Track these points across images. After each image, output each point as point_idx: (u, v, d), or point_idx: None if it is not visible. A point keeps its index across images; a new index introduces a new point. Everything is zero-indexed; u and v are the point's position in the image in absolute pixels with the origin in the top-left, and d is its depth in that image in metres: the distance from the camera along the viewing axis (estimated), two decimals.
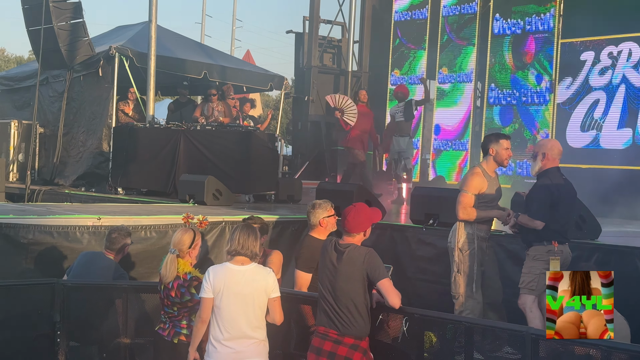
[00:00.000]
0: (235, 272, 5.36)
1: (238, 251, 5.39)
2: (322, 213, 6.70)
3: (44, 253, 7.94)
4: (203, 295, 5.37)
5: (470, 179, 7.26)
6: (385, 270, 5.44)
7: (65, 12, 14.84)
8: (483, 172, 7.23)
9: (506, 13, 15.28)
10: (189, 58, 16.29)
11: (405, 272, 8.92)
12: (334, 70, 18.66)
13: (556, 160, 6.89)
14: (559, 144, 7.10)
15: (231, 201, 11.65)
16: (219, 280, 5.35)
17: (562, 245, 6.78)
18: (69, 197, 13.32)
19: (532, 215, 6.77)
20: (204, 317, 5.39)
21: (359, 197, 9.27)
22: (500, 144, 7.19)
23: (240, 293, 5.32)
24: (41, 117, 15.92)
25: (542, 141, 7.16)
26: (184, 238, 5.99)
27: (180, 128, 13.14)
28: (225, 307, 5.32)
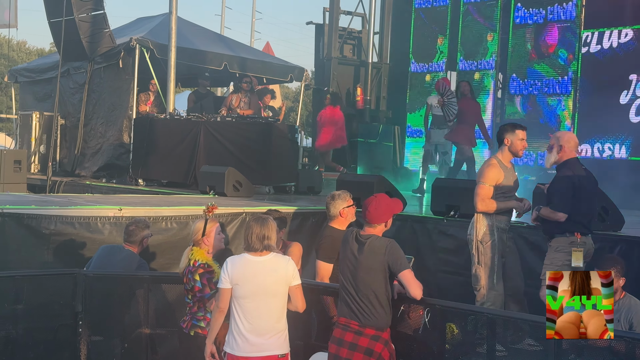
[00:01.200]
0: (254, 263, 5.33)
1: (256, 247, 5.34)
2: (341, 204, 6.71)
3: (66, 243, 7.99)
4: (221, 286, 5.35)
5: (486, 170, 7.20)
6: (406, 261, 5.43)
7: (86, 3, 14.91)
8: (499, 162, 7.18)
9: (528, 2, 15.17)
10: (209, 50, 16.31)
11: (426, 263, 8.89)
12: (354, 62, 18.61)
13: (573, 152, 6.82)
14: (575, 136, 7.06)
15: (251, 192, 11.66)
16: (238, 271, 5.31)
17: (585, 237, 6.73)
18: (90, 189, 13.40)
19: (554, 207, 6.71)
20: (222, 307, 5.35)
21: (379, 188, 9.25)
22: (516, 134, 7.13)
23: (262, 284, 5.29)
24: (62, 109, 16.01)
25: (559, 133, 7.06)
26: (197, 226, 6.03)
27: (200, 119, 13.16)
28: (247, 299, 5.29)
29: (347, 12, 18.81)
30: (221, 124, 12.94)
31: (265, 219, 5.50)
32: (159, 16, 16.98)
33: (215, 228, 6.08)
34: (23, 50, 50.01)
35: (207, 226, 5.99)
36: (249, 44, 36.03)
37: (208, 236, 6.01)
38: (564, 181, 6.71)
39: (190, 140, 13.09)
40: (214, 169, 11.72)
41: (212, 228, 6.04)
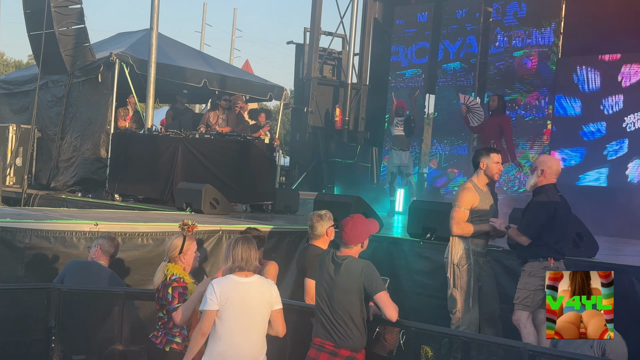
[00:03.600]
0: (241, 284, 5.28)
1: (242, 267, 5.31)
2: (327, 223, 6.78)
3: (40, 258, 7.92)
4: (207, 308, 5.23)
5: (461, 194, 7.25)
6: (382, 283, 5.44)
7: (67, 17, 14.85)
8: (474, 186, 7.22)
9: (506, 28, 15.35)
10: (189, 66, 16.30)
11: (402, 285, 8.91)
12: (333, 82, 18.69)
13: (553, 178, 6.88)
14: (558, 162, 7.08)
15: (228, 210, 11.64)
16: (226, 292, 5.24)
17: (558, 262, 6.78)
18: (65, 202, 13.30)
19: (521, 229, 6.78)
20: (204, 330, 5.26)
21: (356, 208, 9.27)
22: (491, 158, 7.20)
23: (248, 305, 5.26)
24: (39, 122, 15.91)
25: (542, 157, 7.11)
26: (174, 243, 5.99)
27: (178, 136, 13.14)
28: (231, 320, 5.23)
29: (328, 32, 18.93)
30: (199, 141, 12.92)
31: (251, 239, 5.49)
32: (140, 32, 16.96)
33: (193, 246, 6.07)
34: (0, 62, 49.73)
35: (185, 244, 5.97)
36: (228, 61, 36.05)
37: (185, 254, 5.98)
38: (536, 207, 6.78)
39: (168, 157, 13.05)
40: (191, 186, 11.70)
41: (190, 246, 6.02)
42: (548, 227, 6.72)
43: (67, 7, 14.83)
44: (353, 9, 17.94)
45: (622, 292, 6.97)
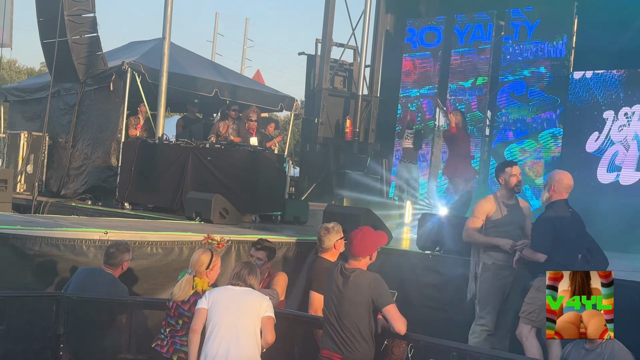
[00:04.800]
0: (232, 289, 5.58)
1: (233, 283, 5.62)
2: (335, 236, 6.78)
3: (50, 265, 7.94)
4: (198, 306, 5.56)
5: (478, 204, 7.47)
6: (391, 296, 5.44)
7: (80, 26, 14.95)
8: (495, 197, 7.38)
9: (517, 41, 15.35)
10: (201, 76, 16.36)
11: (410, 298, 8.88)
12: (344, 94, 18.70)
13: (563, 193, 6.88)
14: (568, 177, 7.04)
15: (237, 220, 11.65)
16: (216, 293, 5.56)
17: None
18: (75, 210, 13.35)
19: (534, 247, 6.79)
20: (194, 328, 5.52)
21: (365, 221, 9.26)
22: (506, 172, 7.32)
23: (235, 307, 5.45)
24: (50, 129, 15.98)
25: (553, 173, 7.14)
26: (202, 259, 6.03)
27: (189, 145, 13.17)
28: (219, 319, 5.44)
29: (340, 44, 18.94)
30: (210, 151, 12.96)
31: (254, 267, 5.75)
32: (152, 41, 17.03)
33: (219, 262, 6.14)
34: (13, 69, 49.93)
35: (212, 260, 6.05)
36: (239, 71, 36.15)
37: (212, 270, 6.06)
38: (544, 222, 6.80)
39: (178, 166, 13.09)
40: (201, 196, 11.72)
41: (216, 262, 6.11)
42: (556, 242, 6.71)
43: (80, 16, 14.93)
44: (365, 21, 17.96)
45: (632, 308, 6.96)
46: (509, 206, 7.33)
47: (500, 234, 7.24)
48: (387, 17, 19.04)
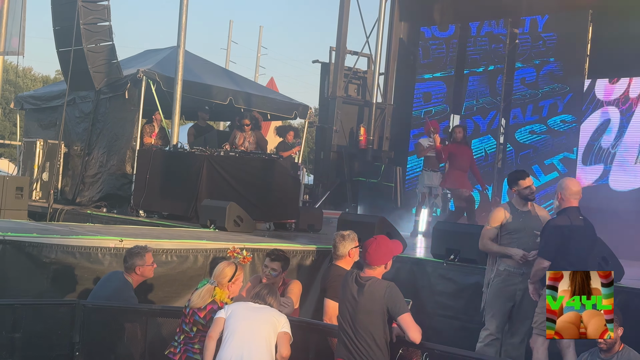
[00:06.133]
0: (250, 304, 5.71)
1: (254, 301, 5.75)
2: (350, 244, 6.80)
3: (66, 273, 7.96)
4: (216, 316, 5.66)
5: (492, 212, 7.55)
6: (405, 305, 5.44)
7: (95, 34, 15.02)
8: (509, 205, 7.44)
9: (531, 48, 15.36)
10: (215, 84, 16.40)
11: (425, 306, 8.86)
12: (358, 102, 18.71)
13: (571, 200, 6.86)
14: (576, 183, 7.06)
15: (252, 228, 11.66)
16: (234, 306, 5.68)
17: None
18: (90, 218, 13.40)
19: (540, 254, 6.79)
20: (210, 334, 5.61)
21: (380, 229, 9.25)
22: (519, 184, 7.35)
23: (252, 319, 5.54)
24: (66, 137, 16.07)
25: (561, 181, 7.14)
26: (225, 271, 6.08)
27: (204, 153, 13.20)
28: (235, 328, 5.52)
29: (354, 52, 18.97)
30: (224, 159, 12.98)
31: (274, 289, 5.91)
32: (167, 49, 17.10)
33: (242, 276, 6.19)
34: (28, 77, 50.26)
35: (236, 273, 6.10)
36: (253, 78, 36.20)
37: (234, 283, 6.11)
38: (552, 229, 6.78)
39: (192, 174, 13.12)
40: (216, 203, 11.74)
41: (239, 276, 6.16)
42: (562, 249, 6.69)
43: (96, 25, 15.00)
44: (379, 29, 17.97)
45: None
46: (521, 213, 7.34)
47: (512, 241, 7.25)
48: (401, 25, 19.06)
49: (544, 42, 15.17)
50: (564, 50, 14.90)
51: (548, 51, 15.13)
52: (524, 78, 15.50)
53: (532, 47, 15.38)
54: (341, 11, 18.45)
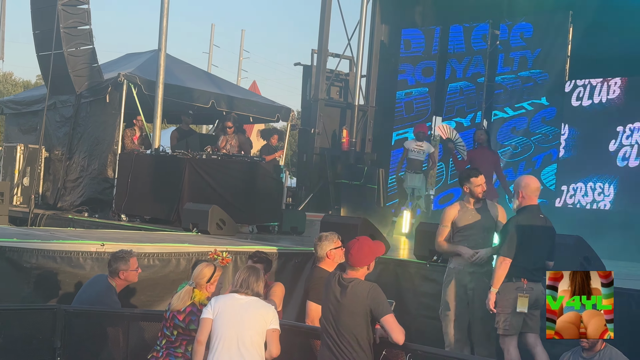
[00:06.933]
0: (238, 299, 5.52)
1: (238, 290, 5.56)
2: (328, 245, 6.75)
3: (47, 278, 7.91)
4: (203, 316, 5.51)
5: (444, 211, 7.51)
6: (389, 306, 5.43)
7: (76, 38, 14.93)
8: (460, 204, 7.42)
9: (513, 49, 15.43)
10: (197, 87, 16.35)
11: (408, 307, 8.87)
12: (340, 104, 18.72)
13: (532, 197, 6.87)
14: (535, 180, 7.06)
15: (234, 231, 11.63)
16: (221, 303, 5.51)
17: (533, 283, 6.72)
18: (72, 222, 13.31)
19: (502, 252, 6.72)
20: (200, 338, 5.49)
21: (363, 231, 9.25)
22: (472, 182, 7.30)
23: (238, 315, 5.42)
24: (47, 142, 15.96)
25: (518, 179, 7.12)
26: (204, 271, 6.07)
27: (186, 157, 13.16)
28: (222, 329, 5.41)
29: (335, 54, 18.98)
30: (206, 162, 12.94)
31: (256, 269, 5.76)
32: (148, 52, 17.04)
33: (219, 277, 6.14)
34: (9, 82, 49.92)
35: (215, 275, 6.08)
36: (235, 82, 36.18)
37: (212, 283, 6.09)
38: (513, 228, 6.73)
39: (175, 177, 13.07)
40: (198, 207, 11.70)
41: (217, 277, 6.14)
42: (523, 248, 6.67)
43: (76, 28, 14.91)
44: (360, 31, 18.00)
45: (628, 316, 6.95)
46: (472, 211, 7.30)
47: (463, 239, 7.24)
48: (382, 27, 19.10)
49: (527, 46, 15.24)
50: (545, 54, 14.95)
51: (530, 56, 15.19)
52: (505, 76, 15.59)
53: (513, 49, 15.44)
54: (323, 14, 18.45)
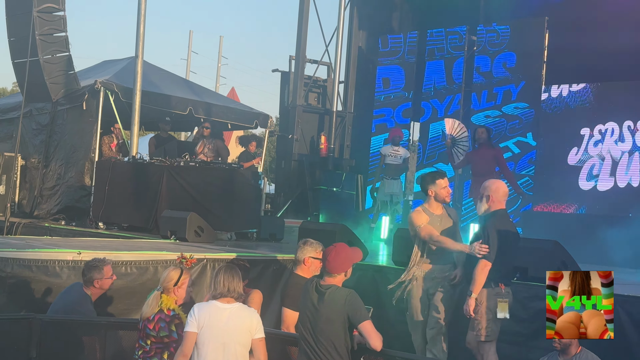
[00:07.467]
0: (221, 309, 5.38)
1: (224, 294, 5.40)
2: (309, 252, 6.77)
3: (22, 287, 7.82)
4: (187, 330, 5.35)
5: (413, 216, 7.29)
6: (366, 312, 5.43)
7: (52, 45, 14.83)
8: (424, 210, 7.27)
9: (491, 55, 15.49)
10: (175, 94, 16.30)
11: (387, 314, 8.85)
12: (318, 110, 18.75)
13: (502, 202, 6.86)
14: (503, 185, 7.04)
15: (213, 238, 11.60)
16: (204, 315, 5.35)
17: (508, 287, 6.76)
18: (49, 231, 13.21)
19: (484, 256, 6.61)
20: (185, 352, 5.33)
21: (341, 237, 9.24)
22: (437, 184, 7.22)
23: (224, 329, 5.30)
24: (23, 150, 15.84)
25: (488, 183, 7.01)
26: (171, 274, 6.01)
27: (163, 164, 13.11)
28: (207, 343, 5.29)
29: (313, 60, 19.00)
30: (184, 169, 12.90)
31: (235, 268, 5.58)
32: (125, 59, 16.97)
33: (188, 280, 6.07)
34: None
35: (181, 277, 5.99)
36: (214, 88, 36.10)
37: (180, 287, 6.00)
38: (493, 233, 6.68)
39: (152, 185, 13.01)
40: (176, 214, 11.65)
41: (185, 280, 6.05)
42: (499, 252, 6.67)
43: (52, 35, 14.81)
44: (338, 37, 18.03)
45: None
46: (436, 217, 7.20)
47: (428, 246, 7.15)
48: (360, 33, 19.16)
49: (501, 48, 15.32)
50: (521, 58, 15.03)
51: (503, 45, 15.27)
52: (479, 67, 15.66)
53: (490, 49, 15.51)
54: (300, 20, 18.48)
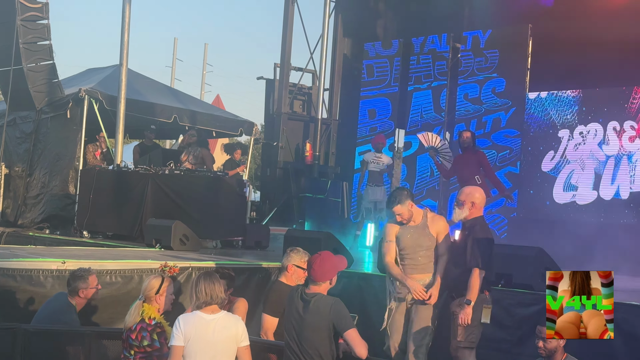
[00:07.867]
0: (206, 320, 5.29)
1: (208, 302, 5.33)
2: (294, 260, 6.77)
3: (6, 297, 7.76)
4: (174, 343, 5.25)
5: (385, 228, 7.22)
6: (351, 320, 5.44)
7: (35, 53, 14.78)
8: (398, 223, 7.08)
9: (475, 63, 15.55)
10: (159, 102, 16.27)
11: (372, 321, 8.85)
12: (303, 117, 18.76)
13: (481, 209, 6.87)
14: (483, 192, 7.02)
15: (198, 247, 11.57)
16: (190, 327, 5.26)
17: (491, 293, 6.78)
18: (33, 240, 13.14)
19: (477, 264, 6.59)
20: None
21: (326, 244, 9.24)
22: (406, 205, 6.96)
23: (211, 341, 5.24)
24: (6, 158, 15.78)
25: (469, 189, 6.96)
26: (152, 283, 5.99)
27: (148, 172, 13.07)
28: (194, 356, 5.22)
29: (298, 68, 19.04)
30: (169, 177, 12.87)
31: (213, 274, 5.52)
32: (109, 67, 16.93)
33: (170, 288, 6.05)
34: None
35: (162, 285, 5.97)
36: (199, 96, 36.08)
37: (162, 295, 5.98)
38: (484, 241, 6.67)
39: (137, 193, 12.98)
40: (161, 222, 11.63)
41: (167, 288, 6.03)
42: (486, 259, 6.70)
43: (35, 44, 14.76)
44: (323, 45, 18.07)
45: None
46: (410, 229, 7.00)
47: (402, 258, 7.00)
48: (345, 40, 19.21)
49: (486, 59, 15.37)
50: (505, 66, 15.10)
51: (490, 67, 15.32)
52: (467, 94, 15.68)
53: (475, 63, 15.57)
54: (285, 27, 18.52)
